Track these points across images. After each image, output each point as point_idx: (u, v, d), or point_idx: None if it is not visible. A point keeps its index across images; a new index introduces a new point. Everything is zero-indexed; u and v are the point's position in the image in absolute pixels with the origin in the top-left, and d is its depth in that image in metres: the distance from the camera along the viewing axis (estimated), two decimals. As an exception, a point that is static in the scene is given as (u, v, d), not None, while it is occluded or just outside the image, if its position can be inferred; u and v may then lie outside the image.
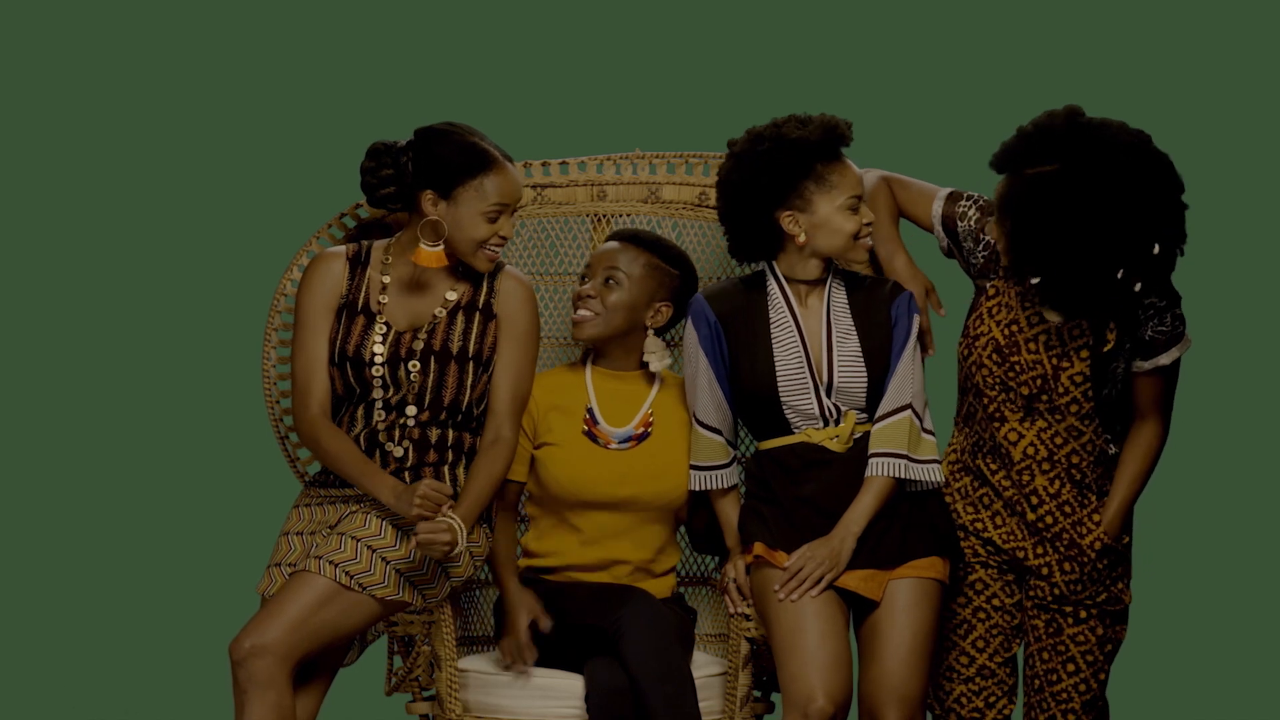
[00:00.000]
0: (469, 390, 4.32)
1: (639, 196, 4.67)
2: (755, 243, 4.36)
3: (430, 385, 4.29)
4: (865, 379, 4.31)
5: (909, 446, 4.28)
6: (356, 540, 4.20)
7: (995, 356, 4.30)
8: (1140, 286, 4.11)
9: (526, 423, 4.43)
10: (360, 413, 4.32)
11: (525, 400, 4.37)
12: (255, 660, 4.10)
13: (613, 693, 4.19)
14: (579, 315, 4.44)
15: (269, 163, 5.97)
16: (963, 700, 4.40)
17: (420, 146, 4.28)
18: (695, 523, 4.54)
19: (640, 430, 4.46)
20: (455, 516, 4.16)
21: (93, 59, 6.02)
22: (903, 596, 4.27)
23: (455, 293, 4.35)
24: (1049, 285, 4.13)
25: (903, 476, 4.27)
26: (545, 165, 4.67)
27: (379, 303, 4.33)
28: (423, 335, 4.31)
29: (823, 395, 4.31)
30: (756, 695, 4.42)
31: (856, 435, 4.32)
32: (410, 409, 4.29)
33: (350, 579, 4.17)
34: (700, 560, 4.71)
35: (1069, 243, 4.08)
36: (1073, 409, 4.28)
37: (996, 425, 4.33)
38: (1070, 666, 4.34)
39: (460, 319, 4.34)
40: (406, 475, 4.29)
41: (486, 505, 4.30)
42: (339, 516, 4.30)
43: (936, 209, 4.43)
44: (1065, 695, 4.35)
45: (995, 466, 4.36)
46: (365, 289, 4.35)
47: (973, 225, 4.38)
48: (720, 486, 4.41)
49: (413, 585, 4.24)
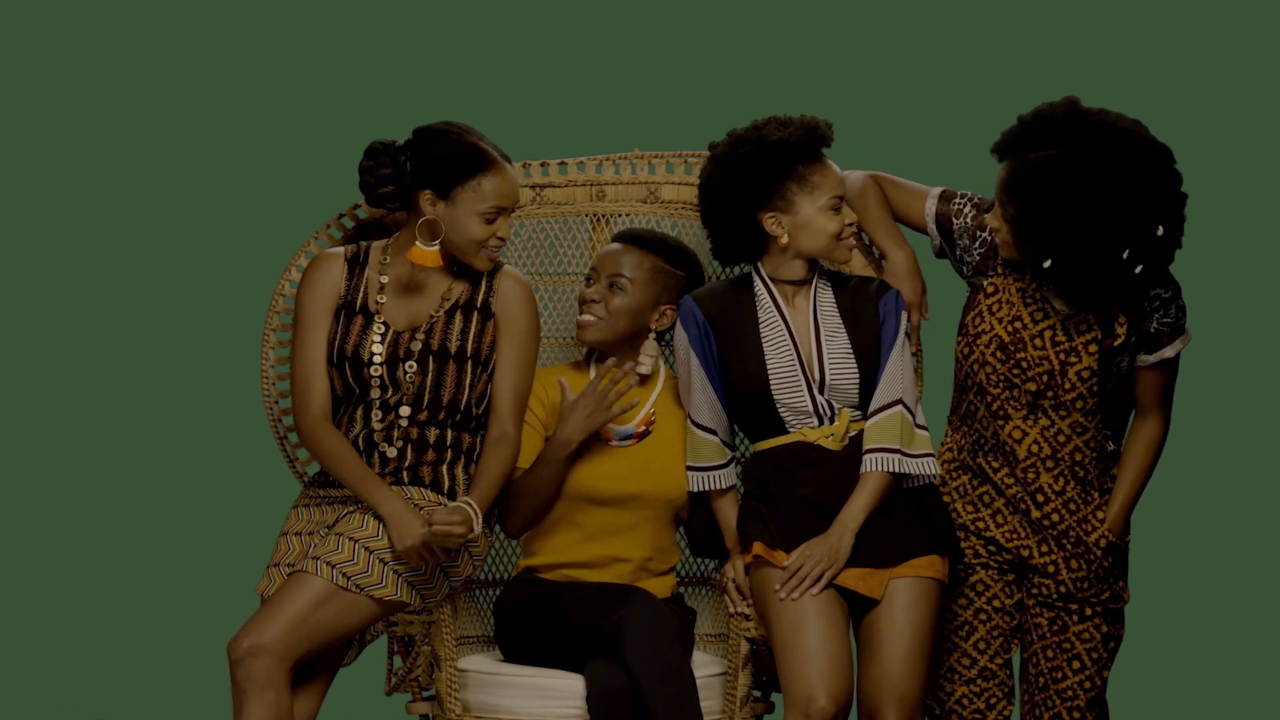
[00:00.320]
0: (467, 390, 4.31)
1: (638, 196, 4.66)
2: (738, 245, 4.37)
3: (429, 385, 4.29)
4: (856, 375, 4.31)
5: (902, 441, 4.27)
6: (354, 541, 4.20)
7: (1000, 354, 4.30)
8: (1142, 269, 4.11)
9: (540, 412, 4.42)
10: (359, 413, 4.31)
11: (526, 398, 4.37)
12: (253, 660, 4.09)
13: (613, 693, 4.19)
14: (583, 320, 4.43)
15: (268, 163, 5.97)
16: (964, 702, 4.39)
17: (418, 146, 4.28)
18: (695, 523, 4.54)
19: (642, 429, 4.46)
20: (472, 501, 4.17)
21: (92, 59, 6.02)
22: (902, 596, 4.27)
23: (454, 292, 4.35)
24: (1055, 269, 4.13)
25: (897, 471, 4.27)
26: (544, 165, 4.66)
27: (377, 302, 4.33)
28: (421, 335, 4.31)
29: (815, 392, 4.30)
30: (756, 695, 4.42)
31: (852, 433, 4.32)
32: (407, 409, 4.29)
33: (348, 580, 4.16)
34: (700, 560, 4.71)
35: (1075, 223, 4.08)
36: (1078, 405, 4.28)
37: (1000, 423, 4.32)
38: (1075, 664, 4.33)
39: (459, 318, 4.33)
40: (405, 475, 4.29)
41: (495, 499, 4.30)
42: (336, 517, 4.30)
43: (930, 208, 4.43)
44: (1070, 693, 4.34)
45: (998, 464, 4.35)
46: (364, 289, 4.34)
47: (969, 222, 4.37)
48: (718, 487, 4.41)
49: (411, 585, 4.23)
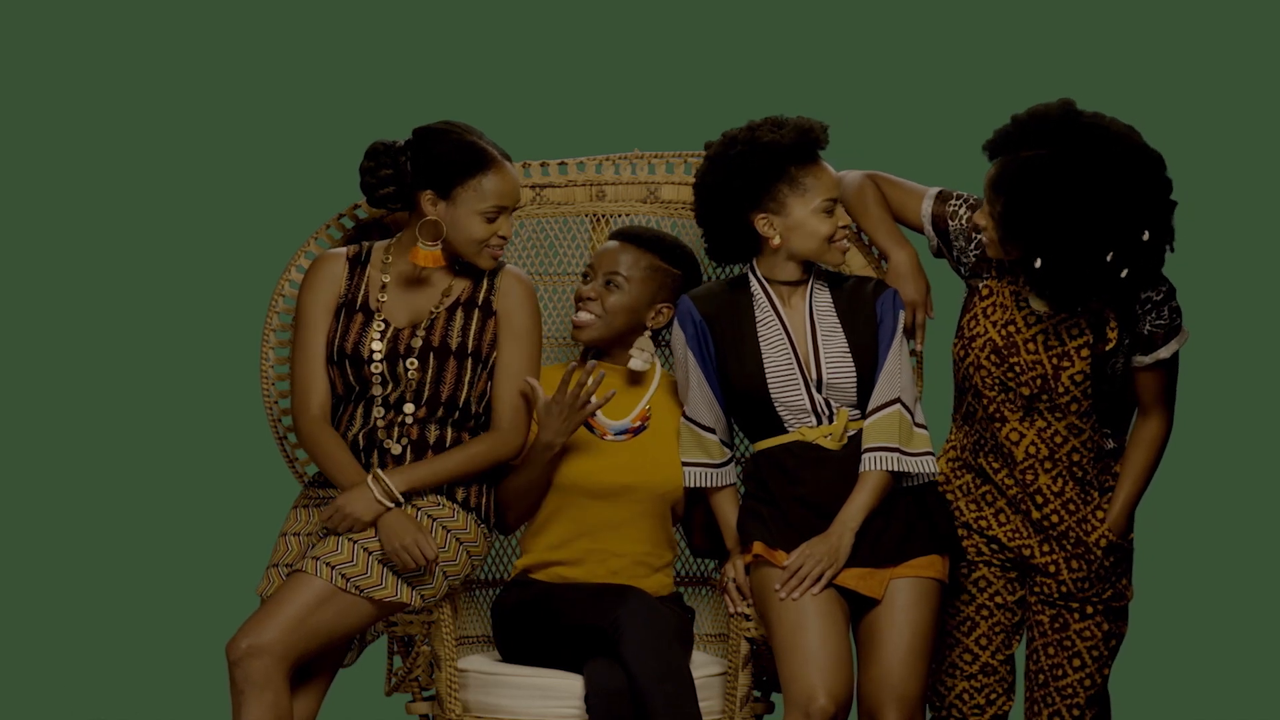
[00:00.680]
0: (467, 387, 4.31)
1: (638, 196, 4.66)
2: (732, 245, 4.37)
3: (429, 381, 4.29)
4: (854, 374, 4.30)
5: (901, 440, 4.27)
6: (353, 542, 4.19)
7: (993, 358, 4.29)
8: (1127, 273, 4.10)
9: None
10: (359, 411, 4.31)
11: (527, 398, 4.36)
12: (252, 660, 4.09)
13: (612, 693, 4.18)
14: (579, 318, 4.43)
15: (268, 163, 5.97)
16: (965, 697, 4.39)
17: (419, 146, 4.28)
18: (692, 520, 4.54)
19: (637, 424, 4.45)
20: (383, 475, 4.18)
21: (92, 60, 6.02)
22: (902, 596, 4.26)
23: (455, 289, 4.35)
24: (1038, 269, 4.12)
25: (896, 470, 4.27)
26: (544, 165, 4.66)
27: (378, 300, 4.33)
28: (421, 331, 4.30)
29: (813, 391, 4.30)
30: (756, 695, 4.41)
31: (851, 432, 4.32)
32: (408, 406, 4.29)
33: (347, 582, 4.16)
34: (700, 560, 4.71)
35: (1059, 222, 4.07)
36: (1072, 407, 4.27)
37: (997, 426, 4.32)
38: (1076, 662, 4.33)
39: (460, 315, 4.33)
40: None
41: (450, 478, 4.26)
42: (336, 517, 4.30)
43: (926, 208, 4.42)
44: (1070, 690, 4.34)
45: (998, 466, 4.35)
46: (365, 287, 4.34)
47: (964, 224, 4.37)
48: (715, 485, 4.41)
49: (410, 586, 4.23)
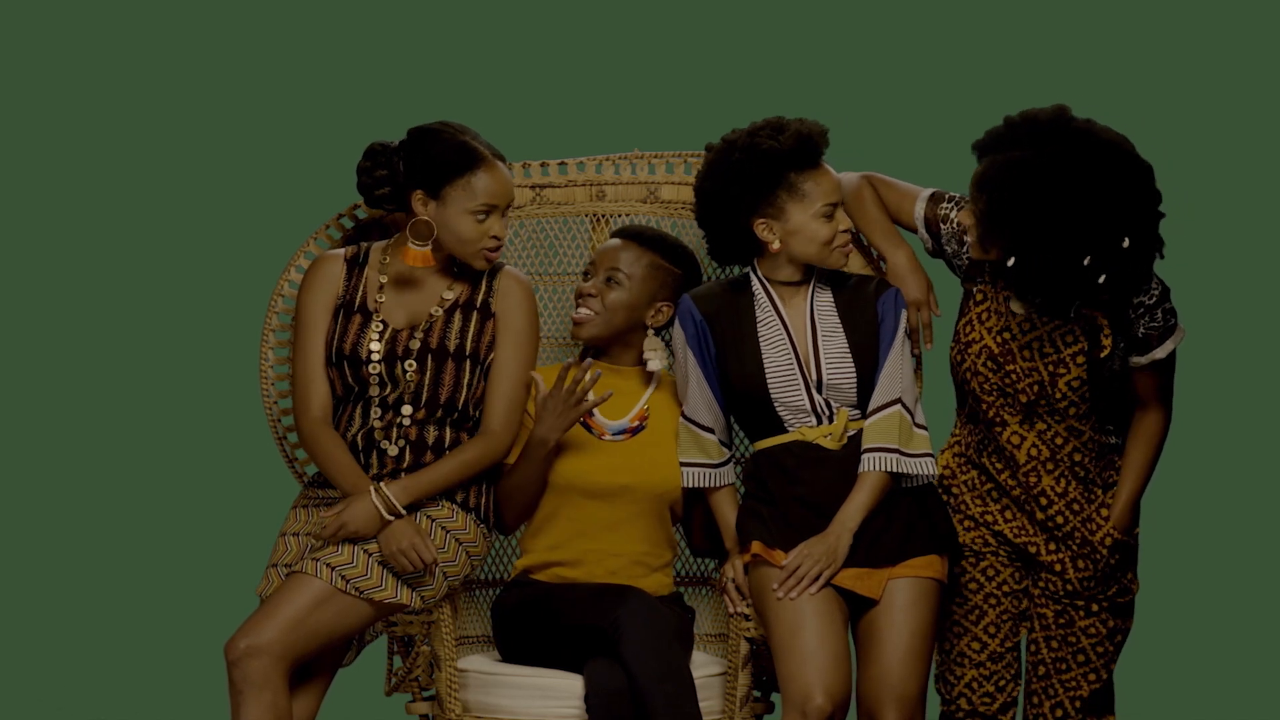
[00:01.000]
0: (465, 389, 4.31)
1: (638, 196, 4.66)
2: (733, 247, 4.37)
3: (427, 383, 4.28)
4: (854, 374, 4.30)
5: (900, 441, 4.27)
6: (353, 543, 4.20)
7: (990, 364, 4.29)
8: (1106, 279, 4.09)
9: (534, 410, 4.42)
10: (358, 412, 4.31)
11: (521, 399, 4.35)
12: (251, 661, 4.09)
13: (612, 693, 4.18)
14: (579, 315, 4.43)
15: (267, 164, 5.98)
16: (973, 685, 4.39)
17: (411, 146, 4.28)
18: (691, 520, 4.54)
19: (635, 424, 4.45)
20: (385, 489, 4.18)
21: (91, 60, 6.03)
22: (901, 596, 4.26)
23: (453, 291, 4.34)
24: (1010, 268, 4.11)
25: (895, 471, 4.27)
26: (544, 165, 4.66)
27: (376, 301, 4.32)
28: (420, 333, 4.30)
29: (813, 391, 4.30)
30: (756, 695, 4.41)
31: (850, 432, 4.32)
32: (406, 408, 4.29)
33: (346, 583, 4.16)
34: (699, 560, 4.71)
35: (1038, 222, 4.06)
36: (1071, 411, 4.27)
37: (998, 430, 4.32)
38: (1080, 658, 4.34)
39: (458, 317, 4.33)
40: (403, 475, 4.28)
41: (447, 486, 4.26)
42: (336, 517, 4.30)
43: (919, 210, 4.42)
44: (1074, 684, 4.34)
45: (1000, 467, 4.35)
46: (363, 288, 4.34)
47: (955, 228, 4.37)
48: (713, 485, 4.41)
49: (410, 587, 4.23)
